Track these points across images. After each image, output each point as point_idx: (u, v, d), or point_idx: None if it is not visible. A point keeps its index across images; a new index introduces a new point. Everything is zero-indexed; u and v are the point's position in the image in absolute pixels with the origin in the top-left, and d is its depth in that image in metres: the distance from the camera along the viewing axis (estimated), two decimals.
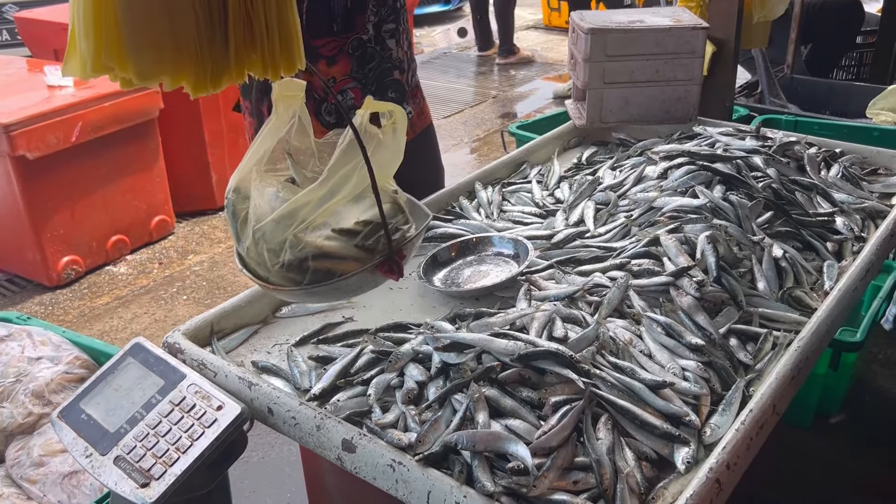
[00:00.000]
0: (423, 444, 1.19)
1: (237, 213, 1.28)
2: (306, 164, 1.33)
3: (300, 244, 1.22)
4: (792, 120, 3.47)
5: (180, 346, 1.45)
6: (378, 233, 1.25)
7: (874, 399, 2.84)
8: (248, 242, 1.26)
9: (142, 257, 4.07)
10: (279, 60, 1.07)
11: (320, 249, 1.23)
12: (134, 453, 1.26)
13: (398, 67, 2.04)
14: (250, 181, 1.27)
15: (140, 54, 0.99)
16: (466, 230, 1.89)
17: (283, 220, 1.23)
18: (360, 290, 1.35)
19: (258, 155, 1.28)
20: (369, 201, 1.24)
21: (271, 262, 1.24)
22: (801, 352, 1.38)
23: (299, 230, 1.22)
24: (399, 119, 1.28)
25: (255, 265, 1.28)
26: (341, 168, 1.23)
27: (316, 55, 1.91)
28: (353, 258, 1.25)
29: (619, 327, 1.44)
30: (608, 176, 2.12)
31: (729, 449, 1.15)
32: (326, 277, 1.24)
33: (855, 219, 1.89)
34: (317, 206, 1.23)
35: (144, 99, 3.83)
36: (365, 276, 1.27)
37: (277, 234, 1.23)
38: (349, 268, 1.25)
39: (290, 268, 1.23)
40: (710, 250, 1.59)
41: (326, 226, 1.23)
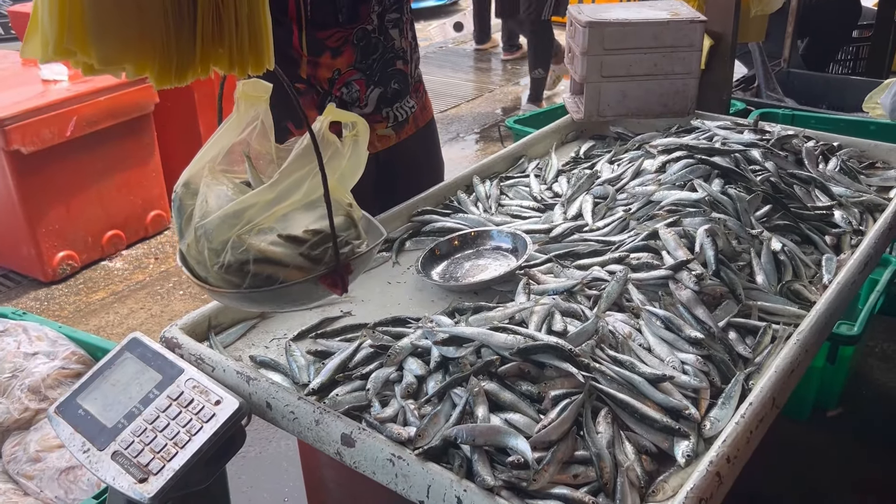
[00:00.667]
0: (423, 439, 1.19)
1: (183, 209, 1.24)
2: (265, 170, 1.29)
3: (242, 246, 1.17)
4: (789, 114, 3.47)
5: (178, 340, 1.44)
6: (326, 244, 1.21)
7: (871, 392, 2.84)
8: (189, 239, 1.22)
9: (137, 252, 4.06)
10: (247, 58, 1.05)
11: (263, 253, 1.18)
12: (132, 448, 1.26)
13: (401, 58, 2.03)
14: (201, 178, 1.23)
15: (103, 40, 0.96)
16: (464, 224, 1.88)
17: (227, 219, 1.19)
18: (299, 302, 1.30)
19: (213, 152, 1.25)
20: (322, 210, 1.20)
21: (211, 262, 1.20)
22: (801, 345, 1.38)
23: (243, 231, 1.18)
24: (362, 131, 1.25)
25: (195, 264, 1.23)
26: (294, 173, 1.20)
27: (322, 47, 1.90)
28: (296, 267, 1.20)
29: (618, 321, 1.44)
30: (606, 170, 2.11)
31: (729, 442, 1.15)
32: (266, 283, 1.20)
33: (853, 212, 1.89)
34: (264, 208, 1.19)
35: (140, 93, 3.81)
36: (307, 286, 1.22)
37: (221, 233, 1.19)
38: (292, 276, 1.20)
39: (229, 269, 1.19)
40: (709, 244, 1.58)
41: (273, 231, 1.19)
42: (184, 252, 1.26)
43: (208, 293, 1.28)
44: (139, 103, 3.85)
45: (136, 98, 3.81)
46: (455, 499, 1.10)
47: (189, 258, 1.24)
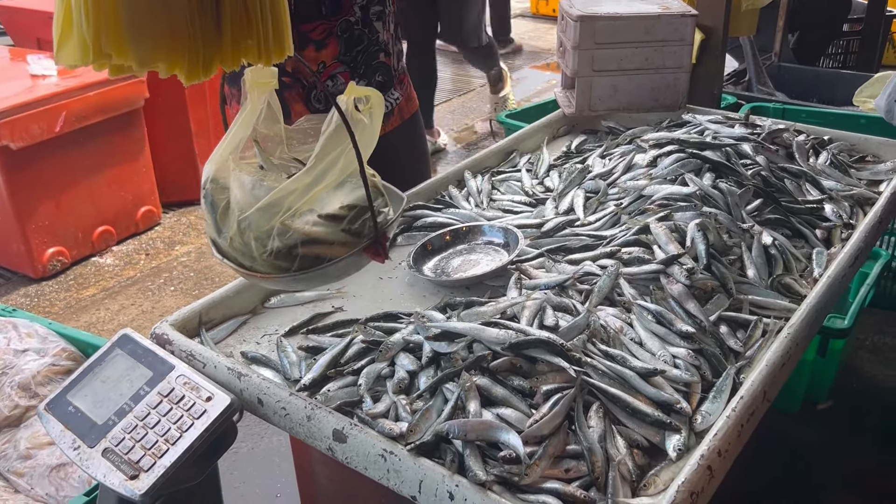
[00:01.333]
0: (415, 434, 1.19)
1: (216, 204, 1.26)
2: (273, 152, 1.33)
3: (288, 231, 1.22)
4: (780, 108, 3.47)
5: (168, 336, 1.44)
6: (362, 216, 1.27)
7: (861, 386, 2.86)
8: (231, 232, 1.25)
9: (128, 248, 4.04)
10: (272, 47, 1.06)
11: (309, 235, 1.23)
12: (122, 445, 1.25)
13: (384, 50, 2.03)
14: (228, 170, 1.26)
15: (139, 40, 0.97)
16: (456, 219, 1.88)
17: (269, 208, 1.22)
18: (346, 275, 1.35)
19: (234, 143, 1.27)
20: (350, 186, 1.25)
21: (258, 251, 1.23)
22: (791, 338, 1.38)
23: (286, 218, 1.22)
24: (376, 104, 1.28)
25: (239, 255, 1.27)
26: (328, 154, 1.23)
27: (305, 40, 1.90)
28: (340, 243, 1.26)
29: (609, 315, 1.44)
30: (598, 164, 2.11)
31: (720, 436, 1.15)
32: (315, 263, 1.24)
33: (843, 206, 1.89)
34: (303, 193, 1.23)
35: (129, 88, 3.79)
36: (352, 259, 1.28)
37: (263, 222, 1.23)
38: (337, 252, 1.26)
39: (278, 255, 1.23)
40: (700, 238, 1.58)
41: (312, 212, 1.24)
42: (222, 246, 1.28)
43: (258, 281, 1.32)
44: (129, 98, 3.83)
45: (125, 93, 3.80)
46: (447, 494, 1.10)
47: (231, 251, 1.27)
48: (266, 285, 1.39)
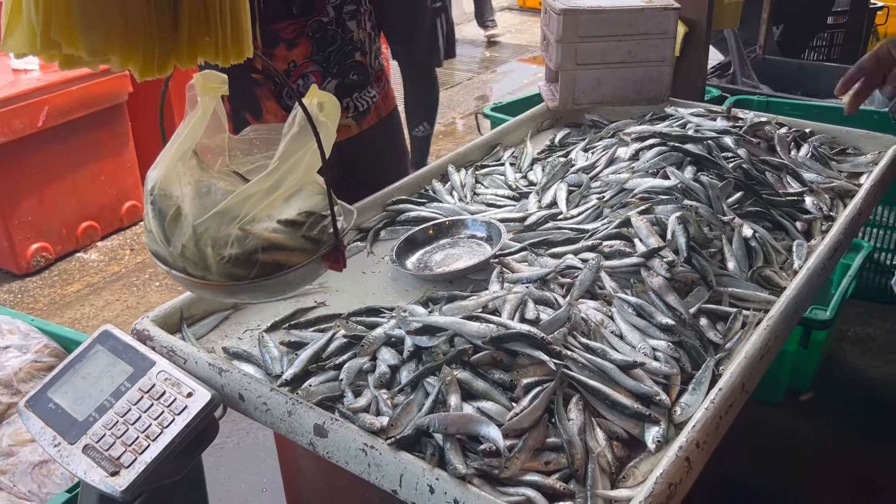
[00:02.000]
0: (396, 428, 1.19)
1: (164, 212, 1.22)
2: (213, 164, 1.29)
3: (248, 237, 1.18)
4: (763, 100, 3.48)
5: (149, 332, 1.43)
6: (320, 223, 1.24)
7: (844, 376, 2.89)
8: (183, 240, 1.21)
9: (113, 243, 4.02)
10: (230, 46, 1.04)
11: (269, 241, 1.20)
12: (103, 442, 1.25)
13: (360, 49, 2.02)
14: (176, 177, 1.22)
15: (90, 30, 0.94)
16: (439, 213, 1.88)
17: (226, 213, 1.19)
18: (304, 283, 1.32)
19: (182, 150, 1.23)
20: (306, 192, 1.23)
21: (214, 258, 1.20)
22: (771, 330, 1.39)
23: (245, 223, 1.18)
24: (331, 111, 1.25)
25: (190, 265, 1.22)
26: (290, 157, 1.20)
27: (275, 39, 1.88)
28: (300, 250, 1.23)
29: (590, 308, 1.45)
30: (581, 158, 2.12)
31: (699, 427, 1.16)
32: (274, 270, 1.22)
33: (824, 198, 1.90)
34: (263, 197, 1.19)
35: (113, 83, 3.77)
36: (311, 267, 1.25)
37: (221, 227, 1.19)
38: (297, 259, 1.23)
39: (236, 262, 1.20)
40: (681, 231, 1.59)
41: (270, 218, 1.21)
42: (169, 257, 1.24)
43: (208, 292, 1.28)
44: (112, 93, 3.81)
45: (109, 88, 3.77)
46: (427, 487, 1.11)
47: (182, 260, 1.22)
48: (218, 296, 1.33)
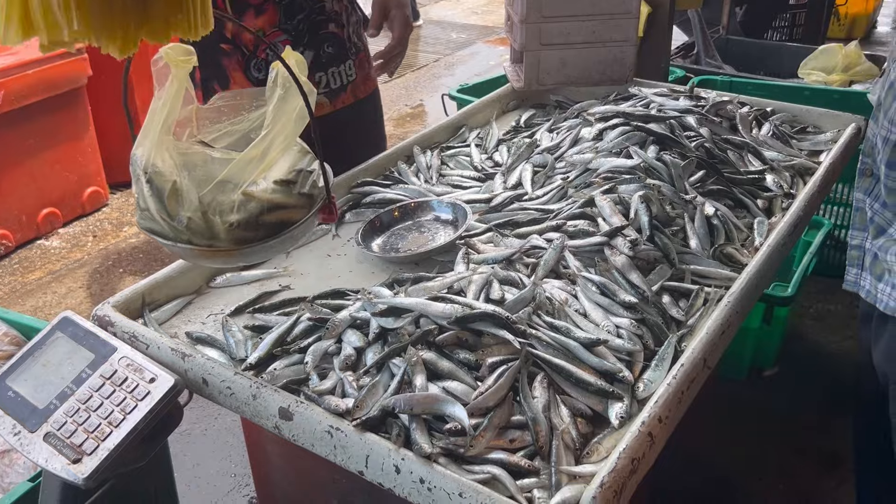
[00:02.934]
0: (361, 409, 1.19)
1: (162, 189, 1.23)
2: (181, 136, 1.30)
3: (251, 200, 1.22)
4: (727, 80, 3.51)
5: (110, 318, 1.41)
6: (309, 179, 1.29)
7: (806, 351, 2.94)
8: (188, 213, 1.23)
9: (75, 230, 3.95)
10: (199, 20, 1.03)
11: (272, 202, 1.25)
12: (64, 429, 1.23)
13: (334, 21, 1.97)
14: (164, 153, 1.24)
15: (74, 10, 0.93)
16: (405, 195, 1.88)
17: (227, 181, 1.22)
18: (303, 237, 1.38)
19: (166, 125, 1.24)
20: (292, 151, 1.29)
21: (223, 225, 1.23)
22: (732, 306, 1.41)
23: (246, 188, 1.22)
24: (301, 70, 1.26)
25: (196, 236, 1.24)
26: (279, 122, 1.23)
27: (243, 5, 1.85)
28: (299, 206, 1.28)
29: (555, 287, 1.46)
30: (545, 138, 2.12)
31: (661, 403, 1.18)
32: (278, 229, 1.26)
33: (784, 176, 1.93)
34: (259, 161, 1.23)
35: (71, 66, 3.68)
36: (310, 221, 1.31)
37: (224, 196, 1.22)
38: (297, 215, 1.28)
39: (244, 227, 1.24)
40: (644, 210, 1.61)
41: (265, 180, 1.24)
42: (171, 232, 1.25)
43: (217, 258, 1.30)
44: (70, 76, 3.73)
45: (66, 71, 3.69)
46: (393, 467, 1.11)
47: (188, 233, 1.24)
48: (229, 262, 1.36)
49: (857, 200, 1.41)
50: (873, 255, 1.39)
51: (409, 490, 1.10)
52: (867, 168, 1.36)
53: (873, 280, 1.37)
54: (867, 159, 1.36)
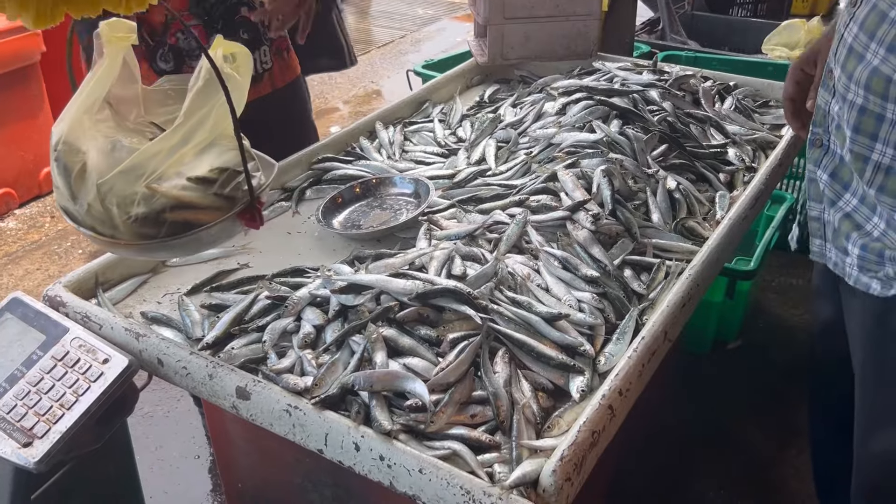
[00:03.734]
0: (320, 387, 1.17)
1: (70, 168, 1.17)
2: (128, 115, 1.25)
3: (154, 196, 1.15)
4: (692, 56, 3.52)
5: (62, 298, 1.38)
6: (234, 180, 1.21)
7: (769, 325, 2.97)
8: (88, 198, 1.18)
9: (32, 211, 3.85)
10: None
11: (178, 199, 1.17)
12: (14, 412, 1.20)
13: (247, 4, 1.85)
14: (82, 131, 1.18)
15: None
16: (367, 171, 1.85)
17: (132, 171, 1.15)
18: (218, 241, 1.30)
19: (89, 103, 1.19)
20: (219, 148, 1.20)
21: (121, 218, 1.16)
22: (693, 279, 1.41)
23: (152, 181, 1.15)
24: (243, 62, 1.21)
25: (98, 223, 1.19)
26: (196, 112, 1.16)
27: None
28: (212, 207, 1.20)
29: (517, 263, 1.45)
30: (509, 113, 2.10)
31: (621, 376, 1.17)
32: (184, 229, 1.19)
33: (746, 150, 1.94)
34: (169, 154, 1.16)
35: (22, 42, 3.56)
36: (225, 225, 1.23)
37: (126, 186, 1.16)
38: (208, 217, 1.20)
39: (143, 222, 1.17)
40: (606, 184, 1.60)
41: (180, 175, 1.17)
42: (77, 215, 1.19)
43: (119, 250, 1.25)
44: (22, 52, 3.60)
45: (17, 47, 3.56)
46: (353, 445, 1.10)
47: (90, 219, 1.19)
48: (131, 254, 1.31)
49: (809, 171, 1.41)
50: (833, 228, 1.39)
51: (370, 468, 1.09)
52: (817, 138, 1.35)
53: (839, 252, 1.37)
54: (817, 129, 1.35)
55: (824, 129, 1.32)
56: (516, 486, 1.01)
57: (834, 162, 1.30)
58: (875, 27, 1.15)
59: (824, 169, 1.33)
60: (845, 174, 1.28)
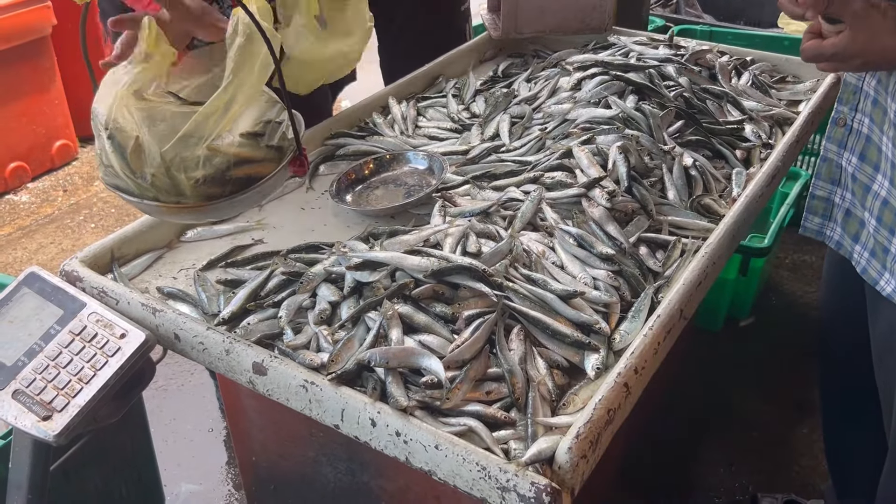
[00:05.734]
0: (336, 363, 1.18)
1: (124, 145, 1.19)
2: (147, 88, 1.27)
3: (216, 156, 1.19)
4: (707, 30, 3.48)
5: (79, 273, 1.38)
6: (277, 131, 1.26)
7: (781, 302, 2.97)
8: (152, 169, 1.20)
9: (45, 185, 3.87)
10: None
11: (239, 156, 1.21)
12: (34, 386, 1.21)
13: None
14: (126, 110, 1.20)
15: None
16: (380, 147, 1.84)
17: (190, 136, 1.18)
18: (274, 191, 1.36)
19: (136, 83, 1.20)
20: (258, 102, 1.25)
21: (188, 182, 1.20)
22: (709, 257, 1.41)
23: (211, 142, 1.18)
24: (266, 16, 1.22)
25: (162, 192, 1.22)
26: (240, 71, 1.19)
27: None
28: (266, 160, 1.25)
29: (532, 240, 1.44)
30: (523, 88, 2.09)
31: (637, 354, 1.17)
32: (246, 184, 1.23)
33: (763, 126, 1.91)
34: (222, 115, 1.19)
35: (33, 15, 3.56)
36: (280, 175, 1.28)
37: (188, 151, 1.19)
38: (265, 170, 1.25)
39: (210, 183, 1.21)
40: (622, 160, 1.59)
41: (231, 133, 1.21)
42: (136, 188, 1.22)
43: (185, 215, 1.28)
44: (33, 25, 3.60)
45: (28, 20, 3.56)
46: (369, 420, 1.10)
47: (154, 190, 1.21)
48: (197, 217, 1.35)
49: (826, 150, 1.38)
50: (845, 211, 1.36)
51: (385, 443, 1.10)
52: (841, 117, 1.31)
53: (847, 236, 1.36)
54: (843, 107, 1.31)
55: (850, 108, 1.28)
56: (532, 463, 1.02)
57: (861, 142, 1.27)
58: None
59: (851, 151, 1.29)
60: (873, 154, 1.25)
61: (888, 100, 1.19)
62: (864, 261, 1.34)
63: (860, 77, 1.25)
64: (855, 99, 1.27)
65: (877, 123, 1.24)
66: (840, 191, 1.39)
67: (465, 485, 1.03)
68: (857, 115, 1.28)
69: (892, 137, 1.20)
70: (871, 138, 1.27)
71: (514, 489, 0.99)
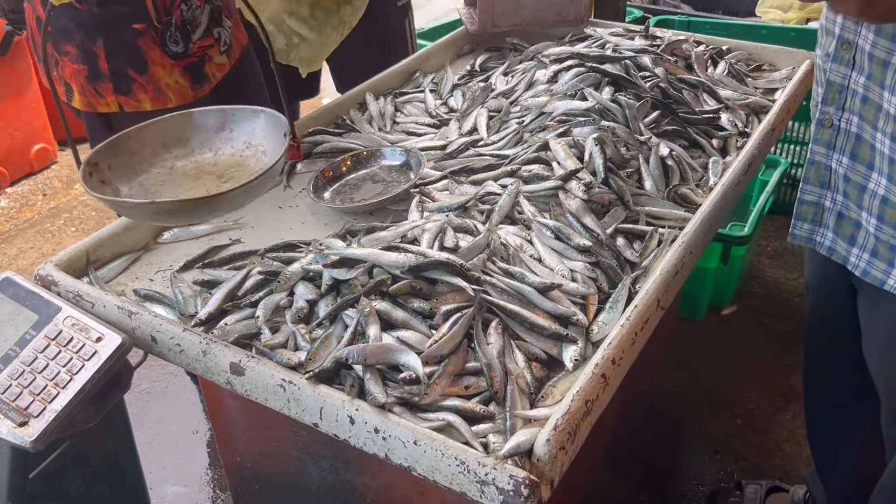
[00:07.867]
0: (314, 362, 1.18)
1: None
2: None
3: None
4: (685, 20, 3.48)
5: (53, 277, 1.37)
6: None
7: (763, 290, 2.98)
8: None
9: (23, 189, 3.83)
10: None
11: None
12: (9, 392, 1.20)
13: None
14: None
15: None
16: (357, 143, 1.84)
17: None
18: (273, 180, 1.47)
19: None
20: None
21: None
22: (686, 246, 1.41)
23: None
24: None
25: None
26: None
27: None
28: None
29: (509, 234, 1.44)
30: (501, 82, 2.09)
31: (614, 344, 1.18)
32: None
33: (739, 114, 1.92)
34: None
35: None
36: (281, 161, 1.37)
37: None
38: None
39: None
40: (598, 152, 1.59)
41: None
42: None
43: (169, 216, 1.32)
44: None
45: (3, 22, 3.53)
46: (348, 418, 1.10)
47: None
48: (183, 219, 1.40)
49: (813, 153, 1.35)
50: (837, 214, 1.34)
51: (364, 440, 1.09)
52: (827, 118, 1.28)
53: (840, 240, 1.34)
54: (828, 108, 1.28)
55: (836, 108, 1.26)
56: (511, 456, 1.02)
57: (850, 142, 1.25)
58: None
59: (841, 151, 1.26)
60: (865, 153, 1.23)
61: (885, 94, 1.17)
62: (863, 263, 1.31)
63: (846, 76, 1.24)
64: (841, 98, 1.25)
65: (867, 121, 1.22)
66: (831, 194, 1.35)
67: (444, 480, 1.03)
68: (845, 115, 1.25)
69: (889, 133, 1.18)
70: (862, 136, 1.24)
71: (492, 482, 0.99)
